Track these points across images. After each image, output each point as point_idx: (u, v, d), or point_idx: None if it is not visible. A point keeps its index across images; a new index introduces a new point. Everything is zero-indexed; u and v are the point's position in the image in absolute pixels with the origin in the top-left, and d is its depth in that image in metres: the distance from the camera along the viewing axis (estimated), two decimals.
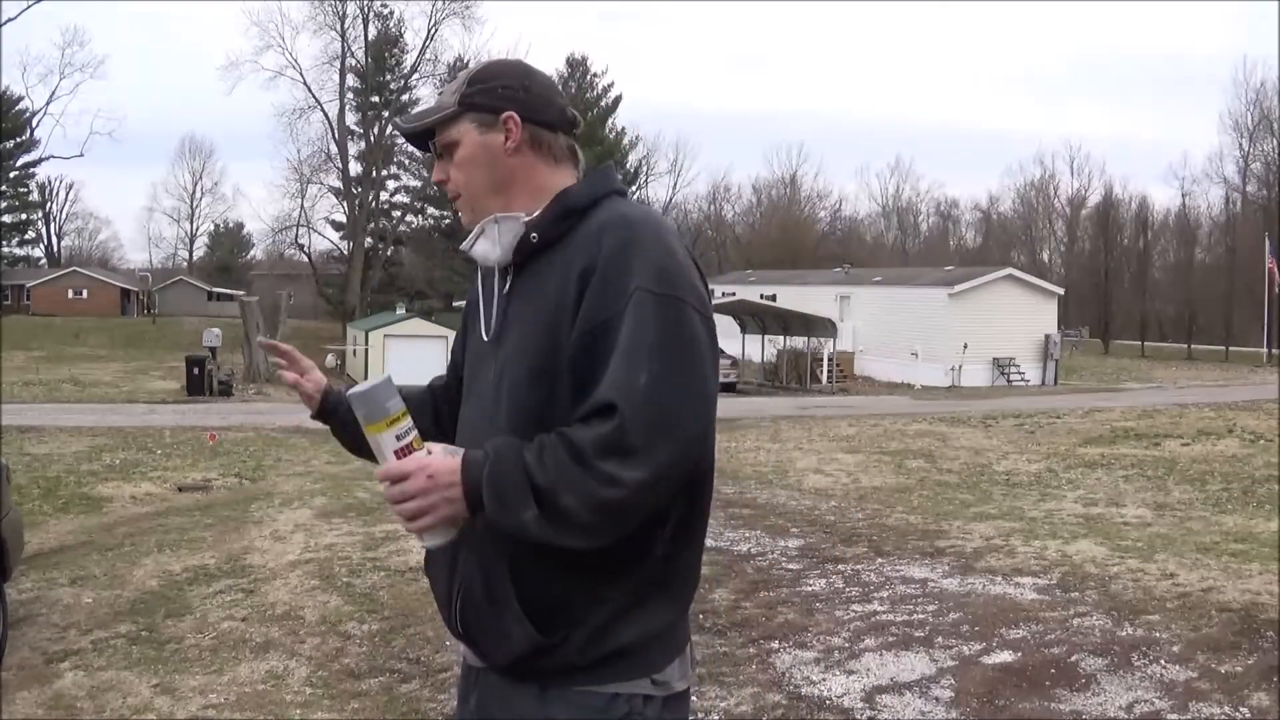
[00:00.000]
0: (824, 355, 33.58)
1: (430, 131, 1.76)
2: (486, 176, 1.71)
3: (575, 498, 1.48)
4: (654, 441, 1.48)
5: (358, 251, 51.53)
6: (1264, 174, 56.19)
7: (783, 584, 6.49)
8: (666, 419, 1.50)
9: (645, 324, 1.53)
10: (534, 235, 1.68)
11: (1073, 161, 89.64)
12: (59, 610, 6.13)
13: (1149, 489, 10.74)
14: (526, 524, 1.50)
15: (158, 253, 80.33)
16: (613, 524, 1.53)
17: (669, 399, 1.50)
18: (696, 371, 1.54)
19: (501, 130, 1.70)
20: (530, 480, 1.49)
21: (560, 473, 1.49)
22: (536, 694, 1.63)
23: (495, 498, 1.51)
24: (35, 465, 12.83)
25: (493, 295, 1.75)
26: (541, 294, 1.65)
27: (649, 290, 1.55)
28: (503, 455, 1.53)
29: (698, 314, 1.58)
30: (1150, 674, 4.68)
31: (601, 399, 1.50)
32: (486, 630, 1.66)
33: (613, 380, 1.51)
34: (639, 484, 1.48)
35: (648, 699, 1.63)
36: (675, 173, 69.90)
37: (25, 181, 67.62)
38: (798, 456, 12.98)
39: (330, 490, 10.64)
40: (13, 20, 69.32)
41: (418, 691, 4.70)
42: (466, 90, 1.72)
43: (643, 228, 1.61)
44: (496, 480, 1.51)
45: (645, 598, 1.62)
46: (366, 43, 52.05)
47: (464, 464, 1.54)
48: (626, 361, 1.51)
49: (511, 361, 1.66)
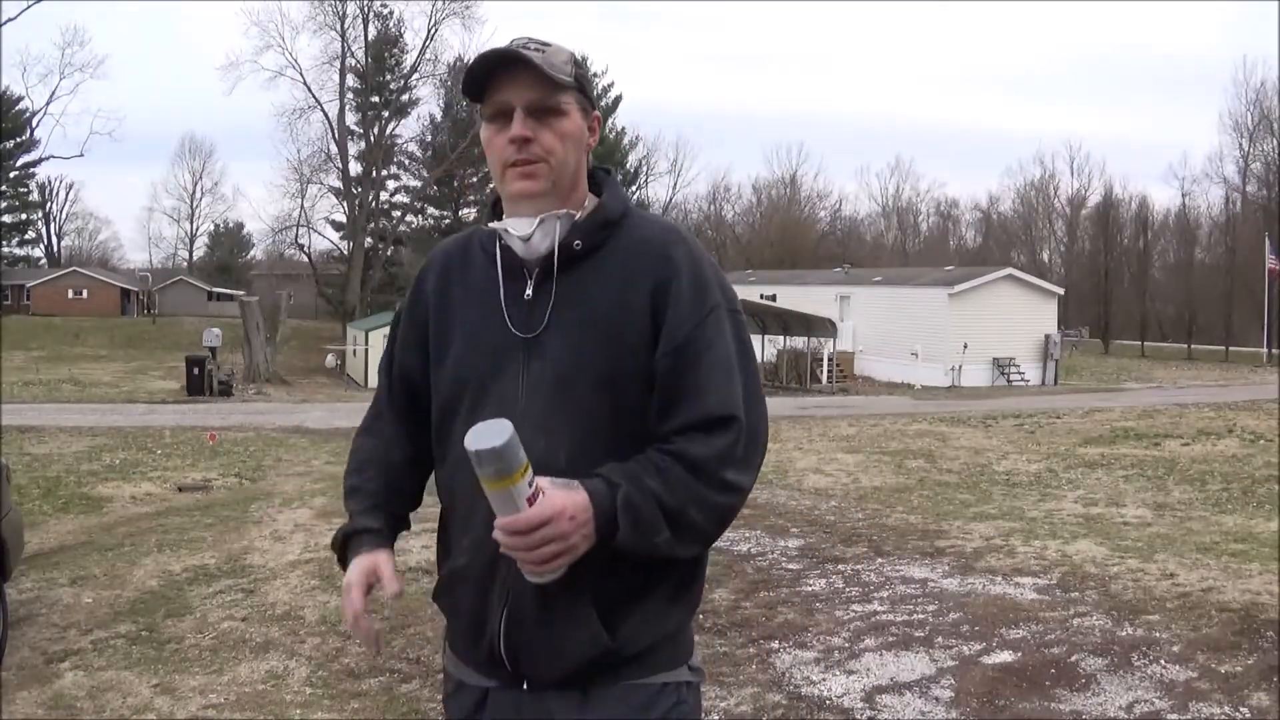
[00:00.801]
0: (824, 355, 33.59)
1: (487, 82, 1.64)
2: (574, 160, 1.69)
3: (701, 512, 1.55)
4: (756, 448, 1.61)
5: (358, 251, 51.48)
6: (1264, 174, 56.18)
7: (783, 584, 6.49)
8: (759, 427, 1.63)
9: (730, 339, 1.63)
10: (577, 243, 1.66)
11: (1073, 161, 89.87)
12: (59, 610, 6.13)
13: (1149, 489, 10.74)
14: (658, 547, 1.54)
15: (158, 253, 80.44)
16: (723, 529, 1.63)
17: (757, 408, 1.63)
18: (759, 379, 1.68)
19: (589, 124, 1.71)
20: (659, 503, 1.52)
21: (687, 491, 1.54)
22: (578, 699, 1.61)
23: (632, 526, 1.52)
24: (35, 465, 12.83)
25: (514, 289, 1.68)
26: (593, 301, 1.63)
27: (726, 307, 1.65)
28: (632, 483, 1.53)
29: (745, 320, 1.72)
30: (1150, 674, 4.68)
31: (718, 412, 1.57)
32: (536, 645, 1.61)
33: (721, 394, 1.58)
34: (748, 489, 1.60)
35: (689, 686, 1.67)
36: (675, 173, 70.12)
37: (25, 181, 67.64)
38: (798, 456, 12.99)
39: (330, 490, 10.63)
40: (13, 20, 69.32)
41: (418, 691, 4.70)
42: (578, 70, 1.68)
43: (695, 244, 1.69)
44: (632, 510, 1.52)
45: (681, 589, 1.67)
46: (366, 43, 52.01)
47: (592, 498, 1.51)
48: (725, 376, 1.60)
49: (568, 365, 1.62)
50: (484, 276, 1.71)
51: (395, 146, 55.82)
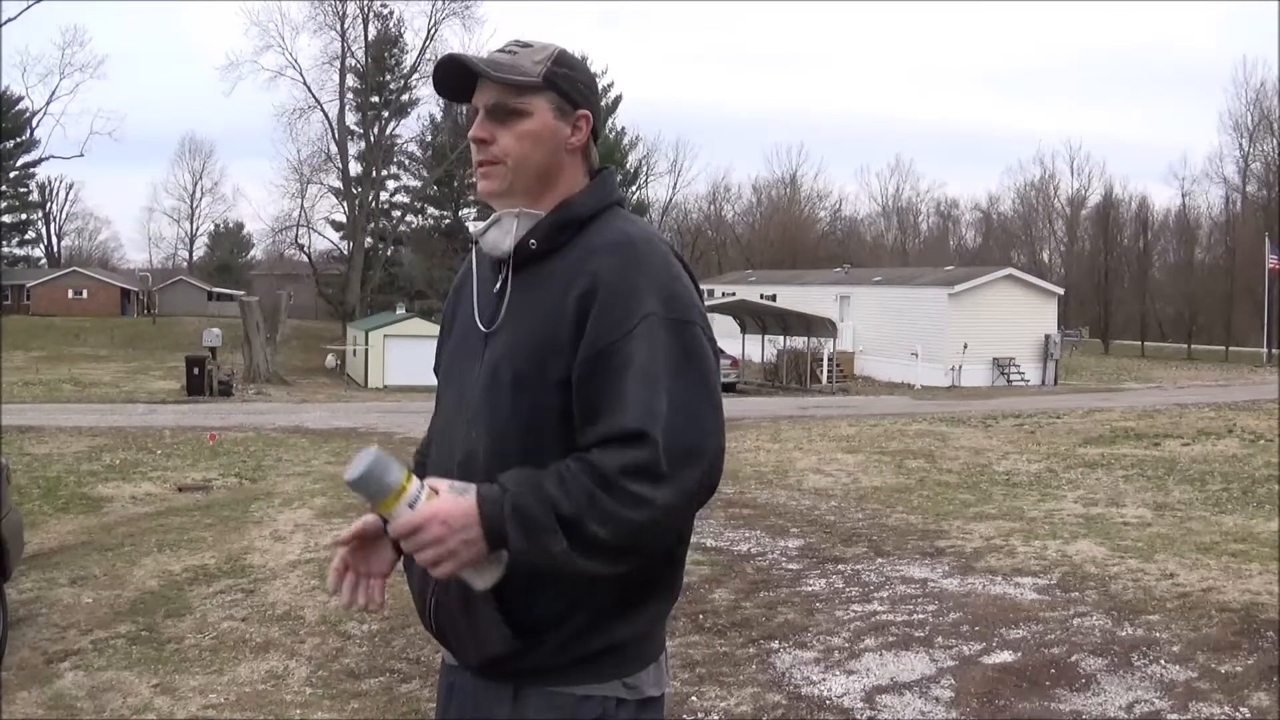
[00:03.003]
0: (824, 355, 33.59)
1: (471, 84, 1.68)
2: (542, 161, 1.67)
3: (603, 525, 1.47)
4: (682, 466, 1.49)
5: (358, 251, 51.51)
6: (1264, 174, 56.24)
7: (783, 584, 6.49)
8: (691, 443, 1.51)
9: (659, 349, 1.53)
10: (532, 242, 1.66)
11: (1073, 161, 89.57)
12: (59, 610, 6.13)
13: (1149, 489, 10.74)
14: (555, 557, 1.49)
15: (158, 253, 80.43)
16: (642, 547, 1.53)
17: (691, 424, 1.52)
18: (712, 394, 1.57)
19: (571, 124, 1.69)
20: (556, 511, 1.47)
21: (588, 500, 1.47)
22: (510, 694, 1.64)
23: (521, 533, 1.48)
24: (35, 465, 12.83)
25: (487, 286, 1.73)
26: (537, 302, 1.64)
27: (660, 315, 1.55)
28: (523, 489, 1.50)
29: (704, 333, 1.60)
30: (1150, 674, 4.68)
31: (630, 426, 1.49)
32: (460, 631, 1.66)
33: (637, 407, 1.50)
34: (667, 506, 1.49)
35: (620, 702, 1.63)
36: (675, 173, 69.95)
37: (25, 181, 67.65)
38: (798, 456, 12.98)
39: (330, 490, 10.63)
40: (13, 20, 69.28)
41: (418, 691, 4.70)
42: (553, 68, 1.67)
43: (645, 249, 1.62)
44: (521, 515, 1.48)
45: (621, 607, 1.62)
46: (366, 43, 52.04)
47: (479, 502, 1.50)
48: (647, 387, 1.51)
49: (500, 362, 1.64)
50: (479, 272, 1.77)
51: (395, 146, 55.86)
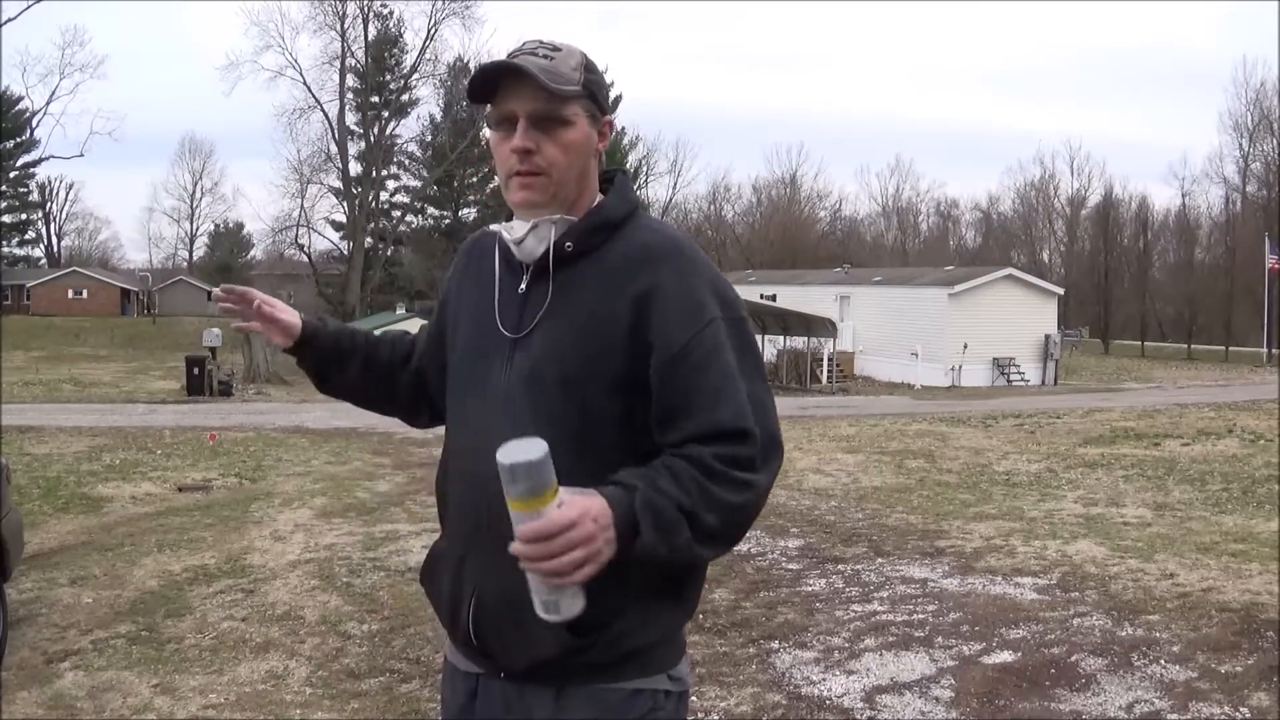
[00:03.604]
0: (824, 355, 33.58)
1: (493, 88, 1.64)
2: (581, 168, 1.69)
3: (716, 513, 1.55)
4: (770, 455, 1.62)
5: (358, 251, 51.53)
6: (1264, 174, 56.21)
7: (783, 584, 6.49)
8: (774, 433, 1.64)
9: (730, 349, 1.62)
10: (568, 245, 1.67)
11: (1073, 161, 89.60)
12: (59, 610, 6.13)
13: (1149, 489, 10.73)
14: (679, 548, 1.54)
15: (158, 253, 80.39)
16: (740, 534, 1.65)
17: (769, 415, 1.63)
18: (768, 384, 1.69)
19: (597, 129, 1.71)
20: (679, 505, 1.52)
21: (701, 493, 1.54)
22: (552, 696, 1.63)
23: (654, 528, 1.50)
24: (35, 465, 12.82)
25: (510, 288, 1.73)
26: (579, 304, 1.65)
27: (722, 317, 1.64)
28: (650, 486, 1.53)
29: (752, 327, 1.72)
30: (1150, 674, 4.68)
31: (730, 424, 1.57)
32: (506, 638, 1.65)
33: (731, 405, 1.59)
34: (762, 491, 1.61)
35: (667, 694, 1.67)
36: (675, 173, 69.97)
37: (25, 181, 67.68)
38: (798, 456, 12.97)
39: (330, 490, 10.64)
40: (13, 20, 69.27)
41: (418, 691, 4.70)
42: (588, 76, 1.68)
43: (692, 253, 1.69)
44: (652, 510, 1.51)
45: (665, 602, 1.66)
46: (366, 43, 52.07)
47: (609, 501, 1.49)
48: (732, 385, 1.60)
49: (541, 365, 1.64)
50: (491, 270, 1.77)
51: (395, 146, 55.92)
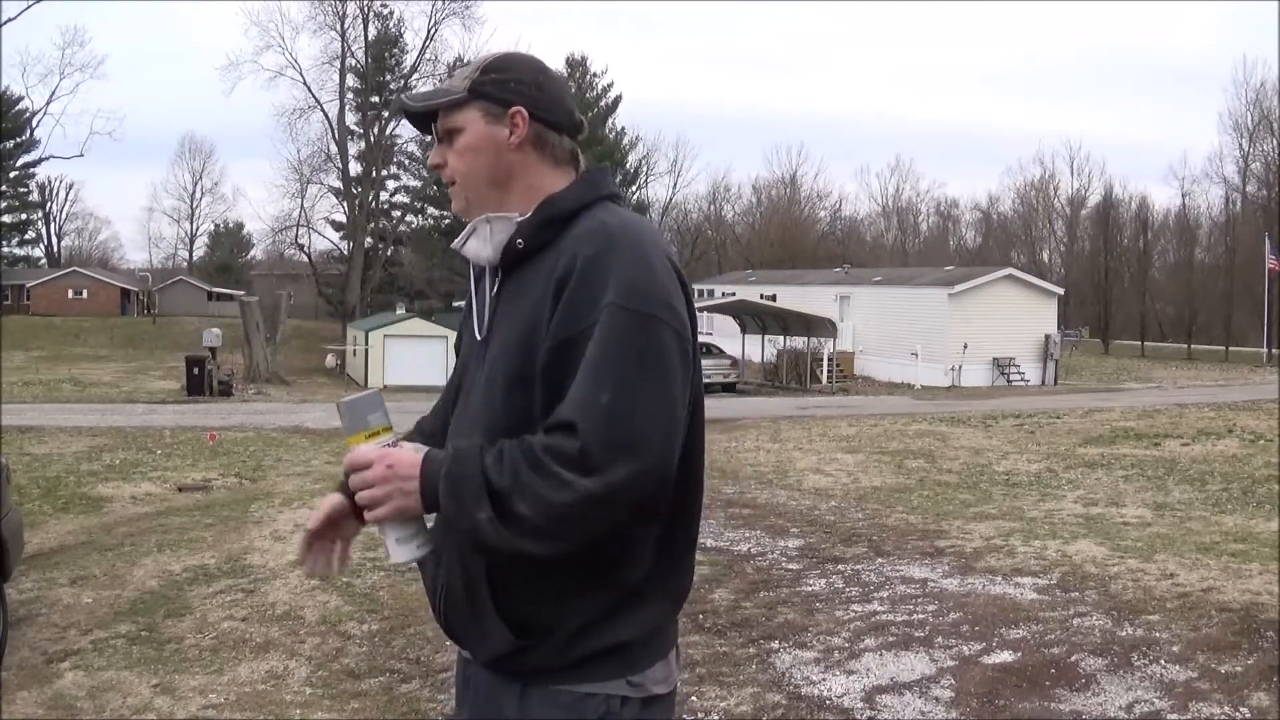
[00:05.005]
0: (824, 355, 33.57)
1: (433, 114, 1.74)
2: (486, 168, 1.70)
3: (528, 502, 1.48)
4: (613, 460, 1.47)
5: (358, 251, 51.51)
6: (1264, 174, 56.14)
7: (783, 584, 6.49)
8: (627, 439, 1.49)
9: (613, 340, 1.52)
10: (519, 241, 1.67)
11: (1073, 161, 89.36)
12: (59, 610, 6.13)
13: (1149, 489, 10.74)
14: (480, 524, 1.51)
15: (158, 253, 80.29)
16: (565, 532, 1.51)
17: (631, 418, 1.49)
18: (664, 390, 1.53)
19: (507, 124, 1.69)
20: (486, 481, 1.50)
21: (515, 476, 1.49)
22: (518, 692, 1.65)
23: (451, 495, 1.53)
24: (35, 465, 12.83)
25: (485, 295, 1.74)
26: (524, 300, 1.64)
27: (620, 306, 1.53)
28: (462, 455, 1.55)
29: (670, 329, 1.56)
30: (1150, 674, 4.68)
31: (563, 417, 1.50)
32: (467, 628, 1.69)
33: (576, 398, 1.51)
34: (589, 494, 1.47)
35: (624, 700, 1.63)
36: (675, 173, 69.91)
37: (25, 181, 67.61)
38: (798, 456, 12.98)
39: (330, 490, 10.64)
40: (13, 20, 69.27)
41: (418, 691, 4.70)
42: (479, 78, 1.70)
43: (620, 239, 1.59)
44: (454, 478, 1.53)
45: (625, 605, 1.62)
46: (366, 43, 52.05)
47: (424, 460, 1.56)
48: (593, 378, 1.51)
49: (495, 366, 1.66)
50: (479, 283, 1.79)
51: (395, 146, 55.77)
